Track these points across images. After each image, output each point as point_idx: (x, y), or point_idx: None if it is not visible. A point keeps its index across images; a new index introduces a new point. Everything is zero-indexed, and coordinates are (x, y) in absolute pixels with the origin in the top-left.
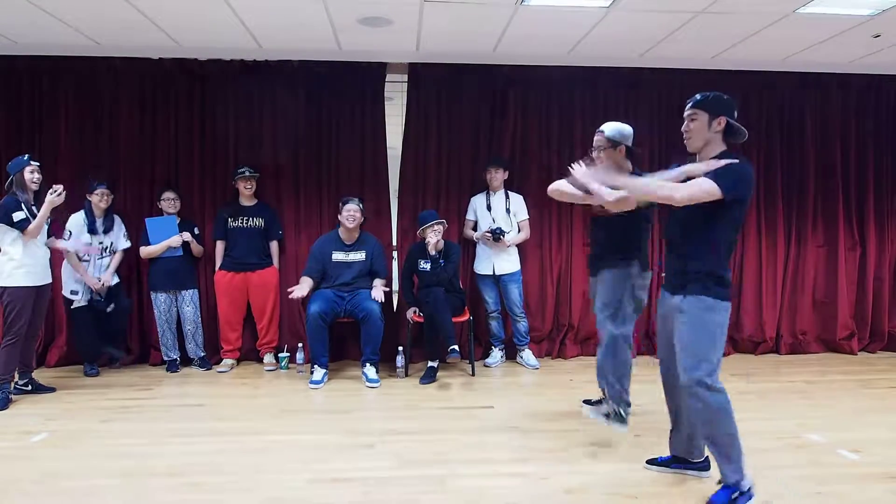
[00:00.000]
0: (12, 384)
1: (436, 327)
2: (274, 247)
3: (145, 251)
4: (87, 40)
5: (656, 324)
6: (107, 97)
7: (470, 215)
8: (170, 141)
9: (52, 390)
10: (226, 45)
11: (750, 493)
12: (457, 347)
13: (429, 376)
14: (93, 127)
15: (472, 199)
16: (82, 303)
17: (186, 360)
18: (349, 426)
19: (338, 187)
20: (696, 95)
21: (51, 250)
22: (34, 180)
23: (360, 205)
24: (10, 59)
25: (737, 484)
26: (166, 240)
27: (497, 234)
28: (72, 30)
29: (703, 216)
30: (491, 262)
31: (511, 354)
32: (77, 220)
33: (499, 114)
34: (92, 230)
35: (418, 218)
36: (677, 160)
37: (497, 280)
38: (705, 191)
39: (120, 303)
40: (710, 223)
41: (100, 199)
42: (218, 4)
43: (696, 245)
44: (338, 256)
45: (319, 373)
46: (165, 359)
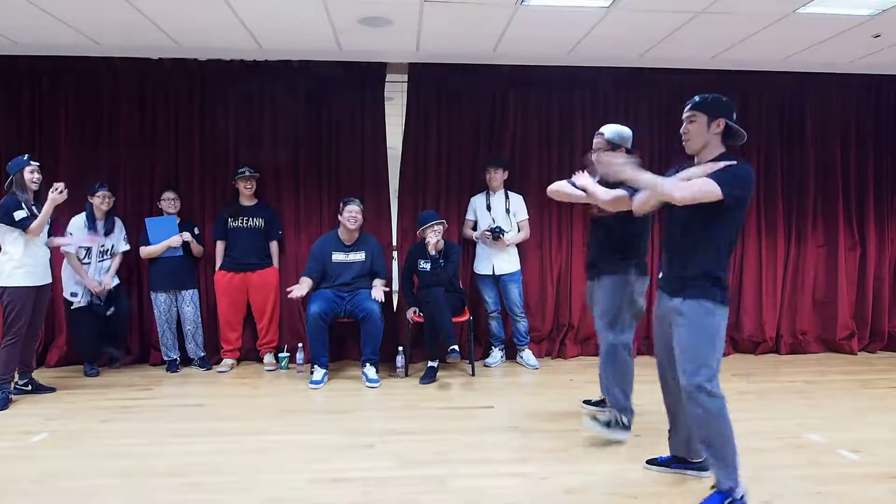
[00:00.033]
0: (12, 384)
1: (436, 327)
2: (274, 247)
3: (145, 251)
4: (87, 40)
5: (653, 324)
6: (107, 97)
7: (470, 215)
8: (170, 141)
9: (52, 390)
10: (226, 45)
11: (743, 500)
12: (457, 347)
13: (429, 376)
14: (93, 127)
15: (472, 199)
16: (82, 304)
17: (186, 360)
18: (349, 426)
19: (338, 187)
20: (695, 97)
21: (51, 250)
22: (34, 180)
23: (360, 206)
24: (10, 59)
25: (730, 491)
26: (166, 240)
27: (496, 233)
28: (72, 30)
29: (703, 217)
30: (490, 263)
31: (511, 354)
32: (78, 223)
33: (499, 114)
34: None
35: (418, 218)
36: (677, 162)
37: (497, 280)
38: (706, 191)
39: (120, 306)
40: (710, 224)
41: (101, 202)
42: (218, 5)
43: (696, 246)
44: (338, 257)
45: (319, 373)
46: (165, 359)
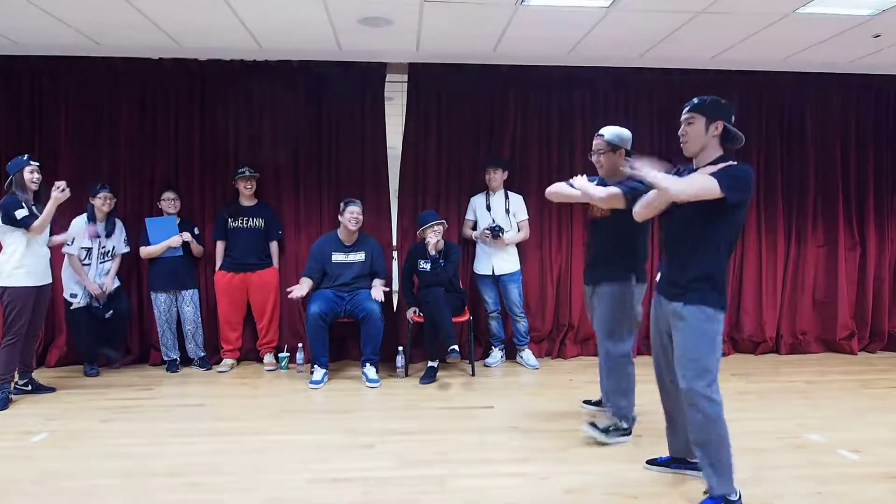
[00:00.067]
0: (12, 384)
1: (436, 327)
2: (274, 247)
3: (145, 251)
4: (87, 40)
5: (650, 326)
6: (107, 97)
7: (469, 215)
8: (170, 141)
9: (52, 390)
10: (226, 45)
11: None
12: (457, 347)
13: (429, 376)
14: (93, 127)
15: (472, 198)
16: (81, 304)
17: (186, 360)
18: (349, 426)
19: (338, 187)
20: (694, 99)
21: (51, 251)
22: (34, 180)
23: (361, 206)
24: (10, 59)
25: (723, 497)
26: (166, 240)
27: (496, 232)
28: (72, 30)
29: (704, 216)
30: (490, 263)
31: (511, 354)
32: (80, 224)
33: (499, 114)
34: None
35: (418, 218)
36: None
37: (497, 280)
38: (706, 188)
39: (119, 308)
40: (710, 223)
41: (102, 203)
42: (218, 5)
43: (695, 246)
44: (337, 257)
45: (319, 373)
46: (165, 359)
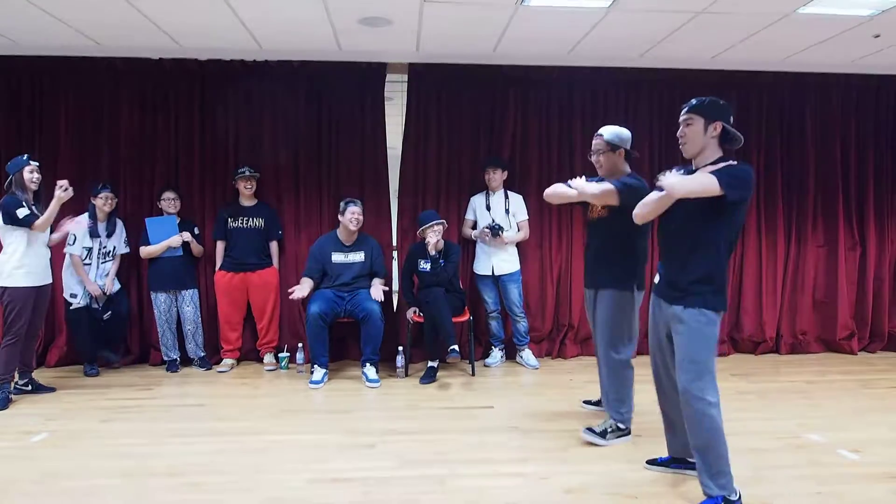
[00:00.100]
0: (12, 384)
1: (436, 327)
2: (274, 247)
3: (145, 251)
4: (87, 40)
5: (648, 328)
6: (107, 97)
7: (469, 214)
8: (170, 141)
9: (52, 390)
10: (226, 46)
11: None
12: (457, 347)
13: (429, 376)
14: (93, 127)
15: (472, 198)
16: (81, 304)
17: (186, 360)
18: (349, 426)
19: (338, 187)
20: (692, 100)
21: (51, 250)
22: (33, 180)
23: (361, 206)
24: (10, 59)
25: (723, 497)
26: (166, 240)
27: (495, 230)
28: (72, 30)
29: (703, 216)
30: (490, 263)
31: (511, 354)
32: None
33: (499, 114)
34: (94, 233)
35: (418, 218)
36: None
37: (496, 280)
38: (704, 185)
39: (118, 310)
40: (709, 223)
41: (104, 203)
42: (218, 5)
43: (695, 246)
44: (337, 257)
45: (319, 373)
46: (165, 359)
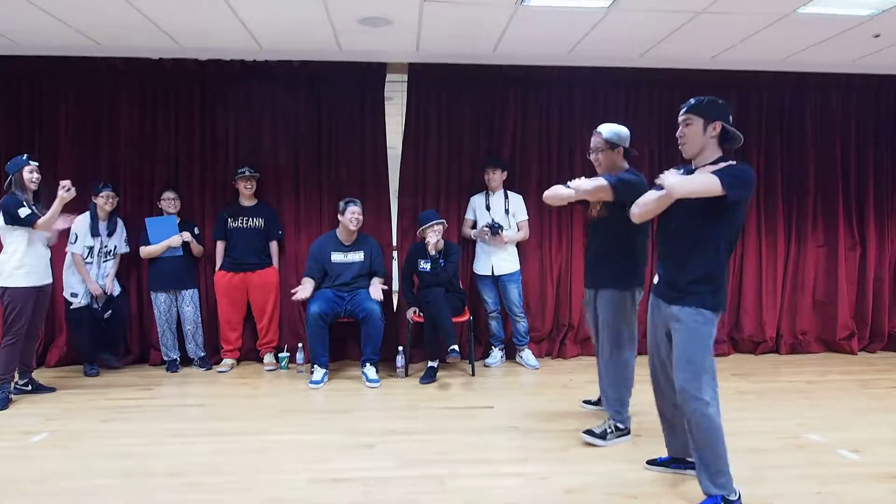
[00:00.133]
0: (12, 384)
1: (436, 327)
2: (274, 247)
3: (145, 251)
4: (87, 40)
5: (647, 328)
6: (107, 97)
7: (469, 214)
8: (170, 141)
9: (52, 390)
10: (226, 46)
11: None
12: (457, 347)
13: (429, 376)
14: (93, 127)
15: (472, 198)
16: (81, 304)
17: (186, 360)
18: (349, 426)
19: (338, 187)
20: (690, 100)
21: (51, 250)
22: (33, 180)
23: (361, 206)
24: (10, 59)
25: (722, 497)
26: (166, 240)
27: (495, 229)
28: (72, 30)
29: (703, 215)
30: (490, 263)
31: (511, 354)
32: (81, 222)
33: (499, 114)
34: (95, 232)
35: (418, 218)
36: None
37: (496, 280)
38: (705, 185)
39: (117, 311)
40: (709, 223)
41: (105, 202)
42: (218, 5)
43: (695, 246)
44: (336, 257)
45: (319, 373)
46: (165, 359)
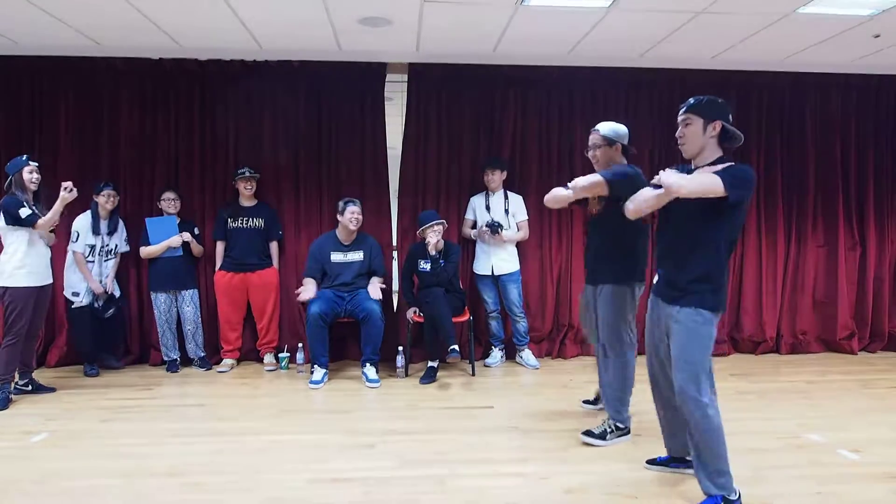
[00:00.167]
0: (12, 384)
1: (436, 327)
2: (274, 247)
3: (145, 251)
4: (87, 40)
5: (646, 328)
6: (107, 97)
7: (469, 214)
8: (170, 141)
9: (52, 390)
10: (226, 46)
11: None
12: (457, 347)
13: (429, 376)
14: (93, 127)
15: (472, 198)
16: (83, 304)
17: (186, 360)
18: (349, 426)
19: (338, 187)
20: (690, 100)
21: (51, 250)
22: (33, 180)
23: (361, 206)
24: (10, 59)
25: (722, 497)
26: (166, 240)
27: (494, 228)
28: (72, 30)
29: (703, 215)
30: (490, 263)
31: (511, 354)
32: (82, 222)
33: (499, 114)
34: (96, 231)
35: (418, 218)
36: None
37: (496, 280)
38: (705, 185)
39: (119, 310)
40: (710, 222)
41: (106, 201)
42: (218, 5)
43: (694, 246)
44: (336, 257)
45: (319, 373)
46: (165, 359)
